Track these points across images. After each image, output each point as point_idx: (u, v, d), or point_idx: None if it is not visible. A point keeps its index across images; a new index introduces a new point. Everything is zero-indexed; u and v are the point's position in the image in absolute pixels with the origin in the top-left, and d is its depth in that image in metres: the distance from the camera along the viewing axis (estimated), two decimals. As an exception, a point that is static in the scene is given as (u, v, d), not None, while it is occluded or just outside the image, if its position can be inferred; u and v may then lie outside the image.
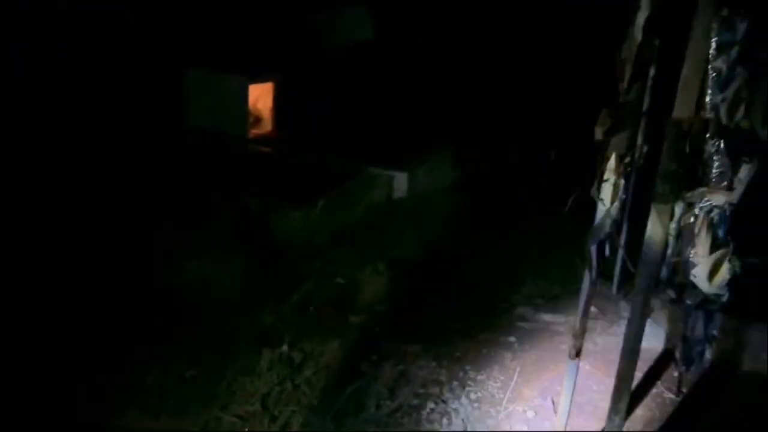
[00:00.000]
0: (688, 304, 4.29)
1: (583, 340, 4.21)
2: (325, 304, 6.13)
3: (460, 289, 6.42)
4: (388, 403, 4.96)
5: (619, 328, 5.49)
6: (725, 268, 4.04)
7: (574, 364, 4.21)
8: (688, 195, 3.94)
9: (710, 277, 4.06)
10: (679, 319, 4.89)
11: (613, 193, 3.95)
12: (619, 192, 3.97)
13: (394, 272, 6.55)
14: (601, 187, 3.96)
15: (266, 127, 9.11)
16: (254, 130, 8.97)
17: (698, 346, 4.56)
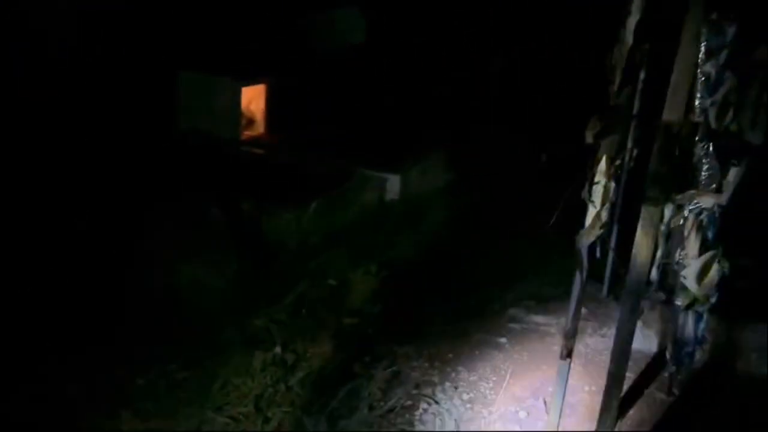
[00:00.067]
0: (678, 305, 4.33)
1: (574, 342, 4.24)
2: (318, 306, 6.14)
3: (452, 291, 6.43)
4: (381, 404, 4.98)
5: (610, 329, 5.53)
6: (714, 270, 4.09)
7: (565, 365, 4.24)
8: (677, 197, 3.98)
9: (699, 279, 4.11)
10: (669, 321, 4.93)
11: (604, 196, 3.98)
12: (610, 194, 4.00)
13: (385, 274, 6.57)
14: (592, 190, 3.99)
15: (259, 128, 9.11)
16: (247, 132, 8.98)
17: (688, 347, 4.60)
